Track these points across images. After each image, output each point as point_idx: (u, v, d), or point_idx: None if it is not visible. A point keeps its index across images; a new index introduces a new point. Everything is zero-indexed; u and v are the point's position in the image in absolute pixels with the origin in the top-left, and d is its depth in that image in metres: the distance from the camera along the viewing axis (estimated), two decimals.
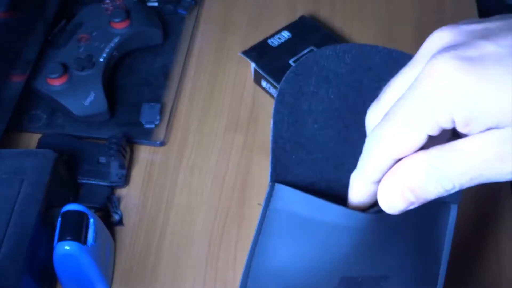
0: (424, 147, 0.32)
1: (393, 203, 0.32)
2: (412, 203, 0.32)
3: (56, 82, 0.63)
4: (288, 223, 0.37)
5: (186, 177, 0.63)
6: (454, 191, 0.31)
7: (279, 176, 0.38)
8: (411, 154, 0.32)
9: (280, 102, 0.39)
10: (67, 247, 0.48)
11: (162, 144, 0.65)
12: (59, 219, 0.50)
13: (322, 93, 0.38)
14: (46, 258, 0.50)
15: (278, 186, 0.37)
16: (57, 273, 0.51)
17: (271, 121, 0.39)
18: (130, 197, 0.61)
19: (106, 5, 0.70)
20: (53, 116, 0.66)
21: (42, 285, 0.53)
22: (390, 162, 0.32)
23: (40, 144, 0.62)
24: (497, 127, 0.29)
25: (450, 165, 0.31)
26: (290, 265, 0.37)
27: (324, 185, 0.39)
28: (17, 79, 0.64)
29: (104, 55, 0.66)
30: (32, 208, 0.50)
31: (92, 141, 0.64)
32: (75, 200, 0.59)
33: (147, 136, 0.65)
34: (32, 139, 0.64)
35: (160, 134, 0.65)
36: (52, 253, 0.49)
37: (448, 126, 0.30)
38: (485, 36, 0.30)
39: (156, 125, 0.65)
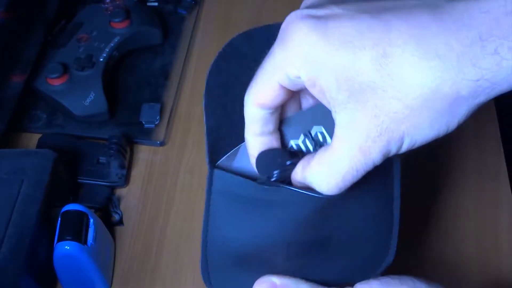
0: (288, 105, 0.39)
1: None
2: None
3: (56, 82, 0.63)
4: (230, 202, 0.42)
5: (186, 177, 0.63)
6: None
7: (216, 161, 0.44)
8: (274, 107, 0.38)
9: (208, 95, 0.45)
10: (67, 247, 0.48)
11: (162, 144, 0.65)
12: (59, 219, 0.50)
13: (244, 78, 0.41)
14: (46, 258, 0.50)
15: (216, 172, 0.42)
16: (57, 273, 0.51)
17: (204, 113, 0.44)
18: (130, 197, 0.61)
19: (106, 5, 0.70)
20: (53, 116, 0.66)
21: (42, 285, 0.53)
22: (261, 112, 0.38)
23: (40, 144, 0.62)
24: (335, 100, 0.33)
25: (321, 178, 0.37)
26: (240, 237, 0.41)
27: None
28: (17, 79, 0.64)
29: (104, 55, 0.66)
30: (32, 208, 0.50)
31: (92, 141, 0.64)
32: (75, 200, 0.59)
33: (147, 136, 0.65)
34: (32, 139, 0.64)
35: (160, 134, 0.65)
36: (52, 253, 0.49)
37: (297, 81, 0.35)
38: (337, 2, 0.34)
39: (156, 125, 0.65)
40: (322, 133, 0.41)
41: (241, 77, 0.42)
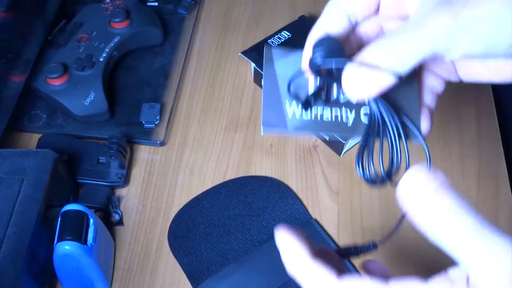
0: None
1: (355, 84, 0.33)
2: (372, 89, 0.33)
3: (56, 82, 0.63)
4: None
5: (186, 177, 0.63)
6: (411, 68, 0.33)
7: None
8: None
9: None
10: (67, 247, 0.48)
11: (162, 144, 0.65)
12: (59, 219, 0.50)
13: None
14: (46, 258, 0.50)
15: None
16: (57, 273, 0.51)
17: None
18: (130, 197, 0.61)
19: (106, 5, 0.70)
20: (53, 116, 0.66)
21: (42, 285, 0.53)
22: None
23: (40, 144, 0.62)
24: None
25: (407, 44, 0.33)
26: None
27: None
28: (17, 79, 0.64)
29: (104, 55, 0.66)
30: (32, 208, 0.50)
31: (92, 141, 0.64)
32: (75, 200, 0.59)
33: (147, 136, 0.65)
34: (32, 139, 0.64)
35: (160, 134, 0.65)
36: (52, 253, 0.49)
37: None
38: None
39: (156, 125, 0.65)
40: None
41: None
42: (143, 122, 0.65)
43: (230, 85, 0.71)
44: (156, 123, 0.65)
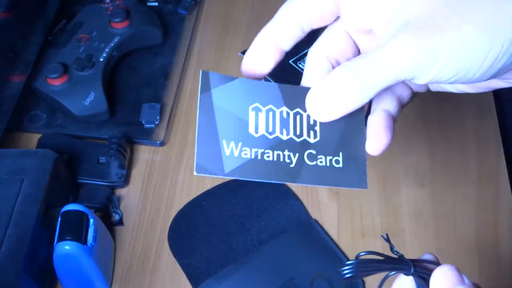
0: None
1: (317, 107, 0.33)
2: (333, 111, 0.32)
3: (56, 82, 0.63)
4: None
5: (186, 177, 0.63)
6: (370, 98, 0.32)
7: None
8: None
9: None
10: (67, 247, 0.48)
11: (162, 144, 0.65)
12: (59, 219, 0.50)
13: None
14: (46, 258, 0.50)
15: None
16: (57, 273, 0.51)
17: None
18: (130, 197, 0.61)
19: (106, 5, 0.70)
20: (53, 116, 0.66)
21: (42, 285, 0.53)
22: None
23: (40, 144, 0.62)
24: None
25: (371, 72, 0.31)
26: None
27: None
28: (17, 79, 0.64)
29: (104, 55, 0.66)
30: (32, 208, 0.50)
31: (92, 141, 0.64)
32: (75, 200, 0.59)
33: (147, 136, 0.65)
34: (32, 139, 0.64)
35: (160, 134, 0.65)
36: (52, 253, 0.49)
37: None
38: None
39: (156, 125, 0.65)
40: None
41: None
42: (143, 122, 0.65)
43: None
44: (156, 123, 0.65)
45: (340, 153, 0.34)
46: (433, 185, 0.62)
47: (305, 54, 0.71)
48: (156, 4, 0.77)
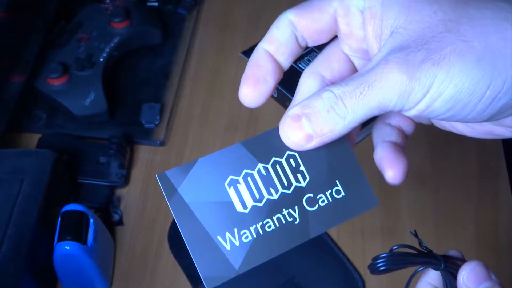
0: None
1: (293, 135, 0.29)
2: (310, 139, 0.29)
3: (56, 82, 0.63)
4: None
5: None
6: (353, 127, 0.29)
7: None
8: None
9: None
10: (67, 247, 0.48)
11: (162, 144, 0.65)
12: (59, 219, 0.50)
13: None
14: (46, 258, 0.50)
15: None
16: (57, 273, 0.51)
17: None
18: (130, 197, 0.61)
19: (106, 5, 0.70)
20: (53, 116, 0.66)
21: (42, 285, 0.53)
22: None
23: (40, 144, 0.62)
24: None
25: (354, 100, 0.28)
26: None
27: None
28: (17, 79, 0.64)
29: (104, 55, 0.66)
30: (32, 208, 0.50)
31: (92, 141, 0.64)
32: (75, 200, 0.59)
33: (147, 136, 0.65)
34: (32, 139, 0.64)
35: (160, 134, 0.65)
36: (52, 253, 0.49)
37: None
38: None
39: (156, 125, 0.65)
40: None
41: None
42: (143, 122, 0.65)
43: (230, 85, 0.71)
44: (156, 123, 0.65)
45: (337, 181, 0.32)
46: (433, 185, 0.62)
47: (306, 54, 0.71)
48: (156, 4, 0.77)
